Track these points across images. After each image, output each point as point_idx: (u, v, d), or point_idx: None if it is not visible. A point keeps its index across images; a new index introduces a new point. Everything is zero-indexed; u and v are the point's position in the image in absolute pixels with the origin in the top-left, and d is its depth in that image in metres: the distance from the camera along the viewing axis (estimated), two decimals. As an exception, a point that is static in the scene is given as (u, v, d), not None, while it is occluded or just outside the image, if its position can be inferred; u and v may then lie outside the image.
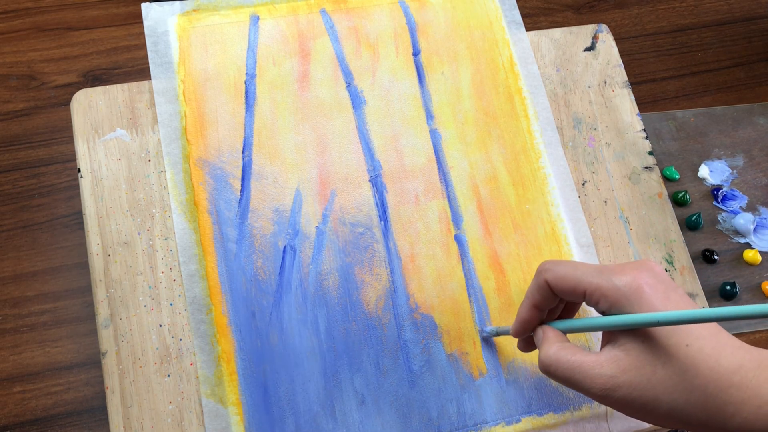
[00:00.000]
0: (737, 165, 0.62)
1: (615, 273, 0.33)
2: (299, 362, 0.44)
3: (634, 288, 0.32)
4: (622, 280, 0.32)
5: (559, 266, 0.35)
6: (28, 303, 0.54)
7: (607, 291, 0.32)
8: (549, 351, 0.34)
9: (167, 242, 0.45)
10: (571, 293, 0.34)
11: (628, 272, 0.33)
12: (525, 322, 0.37)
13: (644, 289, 0.32)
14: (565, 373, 0.33)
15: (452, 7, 0.54)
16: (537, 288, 0.36)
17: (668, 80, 0.68)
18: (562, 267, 0.35)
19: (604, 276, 0.33)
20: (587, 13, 0.70)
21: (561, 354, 0.34)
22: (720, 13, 0.72)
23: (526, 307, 0.37)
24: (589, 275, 0.33)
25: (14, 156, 0.59)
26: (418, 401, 0.44)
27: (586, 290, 0.33)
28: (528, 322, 0.37)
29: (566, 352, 0.34)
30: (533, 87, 0.53)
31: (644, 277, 0.32)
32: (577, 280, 0.34)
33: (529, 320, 0.37)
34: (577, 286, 0.34)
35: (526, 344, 0.40)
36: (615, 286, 0.32)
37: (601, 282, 0.33)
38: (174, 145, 0.47)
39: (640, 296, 0.32)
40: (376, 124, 0.50)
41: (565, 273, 0.35)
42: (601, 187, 0.51)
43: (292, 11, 0.52)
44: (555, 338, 0.35)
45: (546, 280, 0.35)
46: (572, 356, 0.33)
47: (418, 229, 0.48)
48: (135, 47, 0.64)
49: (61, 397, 0.51)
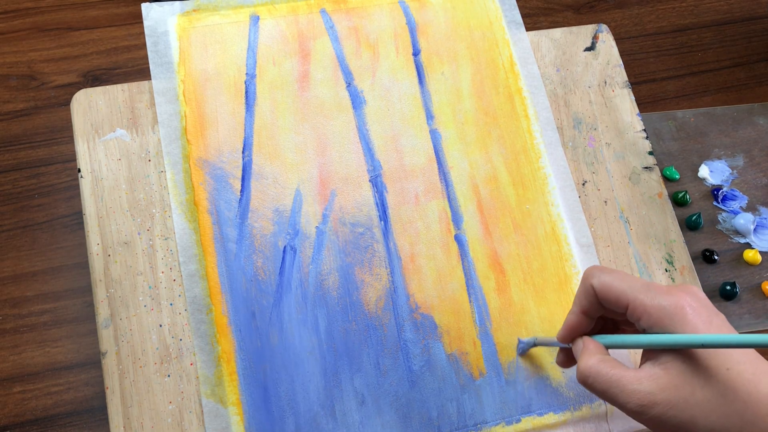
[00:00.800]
0: (737, 165, 0.62)
1: (660, 292, 0.33)
2: (299, 362, 0.44)
3: (678, 308, 0.32)
4: (666, 299, 0.32)
5: (606, 274, 0.35)
6: (28, 303, 0.54)
7: (651, 308, 0.33)
8: (589, 362, 0.34)
9: (167, 242, 0.45)
10: (614, 303, 0.34)
11: (674, 293, 0.33)
12: (572, 328, 0.37)
13: (687, 311, 0.32)
14: (602, 386, 0.33)
15: (452, 7, 0.54)
16: (584, 293, 0.36)
17: (668, 80, 0.68)
18: (609, 275, 0.35)
19: (650, 293, 0.33)
20: (587, 13, 0.70)
21: (601, 366, 0.34)
22: (720, 13, 0.72)
23: (575, 313, 0.37)
24: (635, 290, 0.34)
25: (14, 156, 0.59)
26: (418, 401, 0.44)
27: (630, 304, 0.34)
28: (575, 329, 0.37)
29: (606, 365, 0.34)
30: (533, 87, 0.53)
31: (688, 300, 0.32)
32: (621, 292, 0.34)
33: (576, 326, 0.37)
34: (620, 297, 0.34)
35: (566, 359, 0.40)
36: (659, 304, 0.32)
37: (646, 299, 0.33)
38: (174, 145, 0.47)
39: (683, 317, 0.32)
40: (376, 124, 0.50)
41: (611, 282, 0.35)
42: (601, 187, 0.51)
43: (292, 11, 0.52)
44: (596, 350, 0.35)
45: (592, 286, 0.35)
46: (611, 369, 0.33)
47: (418, 229, 0.48)
48: (135, 47, 0.64)
49: (61, 397, 0.51)
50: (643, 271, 0.50)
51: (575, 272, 0.48)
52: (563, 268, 0.48)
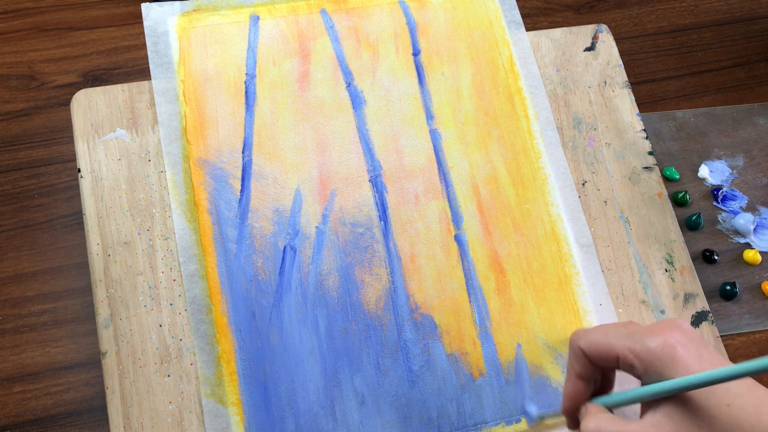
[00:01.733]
0: (737, 165, 0.62)
1: (646, 335, 0.33)
2: (299, 362, 0.44)
3: (667, 348, 0.32)
4: (654, 341, 0.32)
5: (590, 333, 0.36)
6: (28, 303, 0.54)
7: (640, 353, 0.33)
8: (590, 424, 0.34)
9: (167, 242, 0.45)
10: (604, 359, 0.35)
11: (659, 333, 0.33)
12: (572, 396, 0.37)
13: (677, 349, 0.32)
14: None
15: (452, 7, 0.54)
16: (575, 358, 0.36)
17: (668, 80, 0.68)
18: (593, 333, 0.35)
19: (636, 339, 0.33)
20: (587, 13, 0.70)
21: (602, 425, 0.34)
22: (720, 13, 0.72)
23: (571, 380, 0.37)
24: (621, 339, 0.34)
25: (14, 156, 0.59)
26: (418, 401, 0.44)
27: (619, 355, 0.34)
28: (575, 396, 0.37)
29: (607, 422, 0.34)
30: (533, 87, 0.53)
31: (676, 337, 0.32)
32: (609, 346, 0.34)
33: (575, 393, 0.37)
34: (609, 351, 0.34)
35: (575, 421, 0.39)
36: (647, 348, 0.32)
37: (633, 345, 0.33)
38: (174, 145, 0.47)
39: (673, 357, 0.32)
40: (376, 124, 0.50)
41: (597, 338, 0.35)
42: (601, 187, 0.51)
43: (292, 11, 0.52)
44: (596, 411, 0.35)
45: (580, 348, 0.36)
46: (614, 426, 0.33)
47: (418, 229, 0.48)
48: (135, 47, 0.64)
49: (61, 397, 0.51)
50: (643, 271, 0.50)
51: (575, 272, 0.48)
52: (563, 268, 0.48)
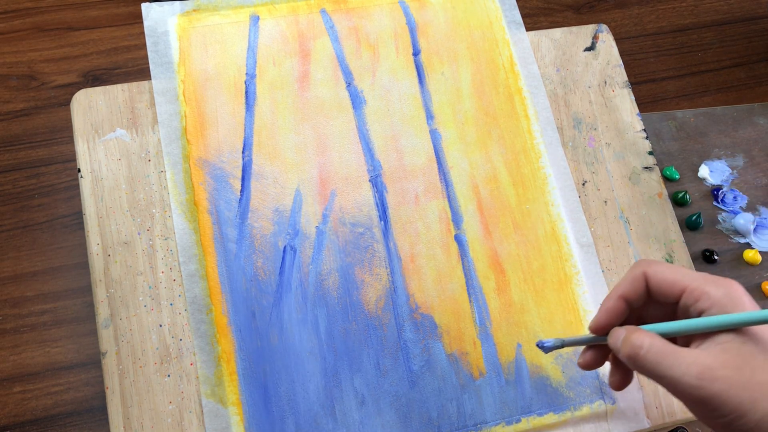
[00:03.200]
0: (737, 165, 0.62)
1: (718, 281, 0.33)
2: (299, 362, 0.44)
3: (735, 293, 0.32)
4: (724, 285, 0.33)
5: (660, 264, 0.35)
6: (28, 303, 0.54)
7: (710, 291, 0.32)
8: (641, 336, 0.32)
9: (167, 242, 0.45)
10: (668, 289, 0.34)
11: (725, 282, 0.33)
12: (609, 312, 0.35)
13: (745, 299, 0.32)
14: (656, 357, 0.31)
15: (452, 7, 0.54)
16: (631, 279, 0.35)
17: (668, 80, 0.68)
18: (663, 264, 0.35)
19: (707, 280, 0.33)
20: (587, 13, 0.70)
21: (654, 340, 0.32)
22: (720, 13, 0.72)
23: (613, 298, 0.35)
24: (692, 276, 0.33)
25: (14, 156, 0.59)
26: (418, 401, 0.44)
27: (688, 287, 0.33)
28: (612, 313, 0.35)
29: (659, 340, 0.32)
30: (533, 87, 0.53)
31: (742, 291, 0.33)
32: (679, 276, 0.34)
33: (614, 311, 0.35)
34: (676, 283, 0.33)
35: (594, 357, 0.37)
36: (717, 289, 0.32)
37: (704, 284, 0.33)
38: (174, 145, 0.47)
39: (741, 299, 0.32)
40: (376, 124, 0.50)
41: (666, 269, 0.34)
42: (601, 187, 0.51)
43: (292, 11, 0.52)
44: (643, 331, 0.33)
45: (644, 272, 0.35)
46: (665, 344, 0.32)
47: (418, 229, 0.48)
48: (135, 47, 0.64)
49: (61, 397, 0.51)
50: (643, 271, 0.50)
51: (575, 272, 0.48)
52: (563, 268, 0.48)
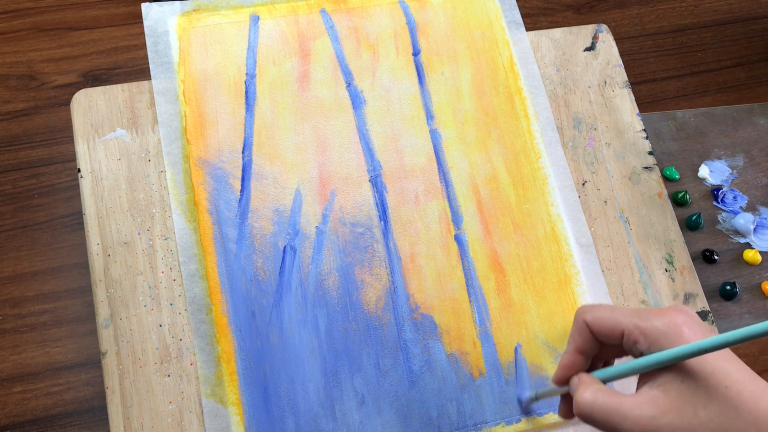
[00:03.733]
0: (737, 165, 0.62)
1: (653, 314, 0.33)
2: (299, 362, 0.44)
3: (673, 326, 0.32)
4: (660, 320, 0.33)
5: (597, 308, 0.36)
6: (28, 303, 0.54)
7: (646, 330, 0.33)
8: (585, 394, 0.34)
9: (167, 242, 0.45)
10: (609, 333, 0.35)
11: (665, 314, 0.33)
12: (567, 368, 0.37)
13: (683, 329, 0.32)
14: (603, 416, 0.33)
15: (452, 7, 0.54)
16: (578, 331, 0.36)
17: (668, 80, 0.68)
18: (600, 309, 0.36)
19: (642, 316, 0.33)
20: (587, 13, 0.70)
21: (598, 396, 0.33)
22: (720, 13, 0.72)
23: (569, 353, 0.37)
24: (627, 316, 0.34)
25: (14, 156, 0.59)
26: (418, 401, 0.44)
27: (625, 329, 0.34)
28: (569, 368, 0.37)
29: (603, 394, 0.33)
30: (533, 87, 0.53)
31: (682, 318, 0.33)
32: (615, 320, 0.34)
33: (570, 365, 0.37)
34: (615, 326, 0.34)
35: (567, 408, 0.39)
36: (653, 325, 0.33)
37: (640, 321, 0.33)
38: (174, 145, 0.47)
39: (679, 335, 0.32)
40: (376, 124, 0.50)
41: (603, 313, 0.35)
42: (601, 187, 0.51)
43: (292, 11, 0.52)
44: (591, 382, 0.35)
45: (585, 321, 0.36)
46: (609, 398, 0.33)
47: (418, 229, 0.48)
48: (135, 47, 0.64)
49: (61, 397, 0.51)
50: (643, 271, 0.50)
51: (575, 272, 0.48)
52: (563, 268, 0.48)
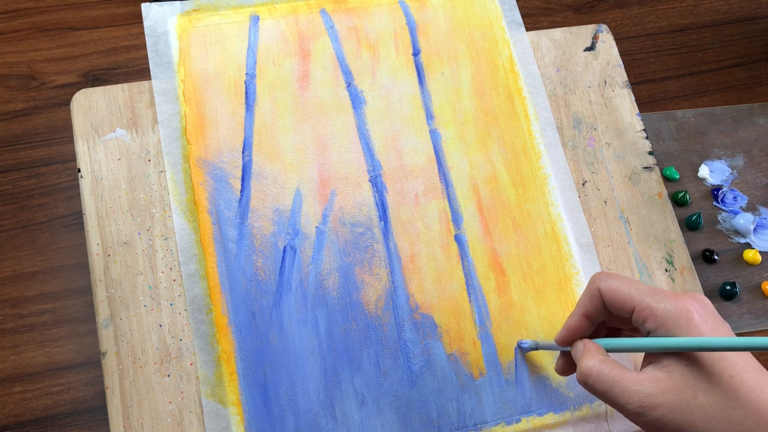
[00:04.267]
0: (737, 165, 0.62)
1: (667, 296, 0.33)
2: (299, 362, 0.44)
3: (684, 312, 0.32)
4: (673, 303, 0.33)
5: (614, 278, 0.36)
6: (28, 303, 0.54)
7: (657, 310, 0.33)
8: (590, 362, 0.34)
9: (167, 242, 0.45)
10: (620, 306, 0.35)
11: (681, 298, 0.33)
12: (572, 330, 0.37)
13: (694, 316, 0.32)
14: (603, 386, 0.33)
15: (452, 7, 0.54)
16: (589, 296, 0.36)
17: (668, 80, 0.68)
18: (617, 279, 0.35)
19: (657, 297, 0.33)
20: (587, 13, 0.70)
21: (602, 367, 0.34)
22: (720, 13, 0.72)
23: (576, 315, 0.37)
24: (642, 293, 0.34)
25: (14, 156, 0.59)
26: (418, 401, 0.44)
27: (636, 306, 0.34)
28: (575, 331, 0.37)
29: (607, 365, 0.34)
30: (533, 87, 0.53)
31: (695, 305, 0.33)
32: (629, 295, 0.34)
33: (576, 328, 0.37)
34: (627, 301, 0.34)
35: (565, 365, 0.39)
36: (666, 308, 0.33)
37: (653, 302, 0.33)
38: (174, 145, 0.47)
39: (689, 321, 0.32)
40: (376, 124, 0.50)
41: (619, 285, 0.35)
42: (601, 187, 0.51)
43: (292, 11, 0.52)
44: (596, 351, 0.35)
45: (599, 289, 0.36)
46: (612, 370, 0.33)
47: (418, 229, 0.48)
48: (135, 47, 0.64)
49: (61, 397, 0.51)
50: (643, 271, 0.50)
51: (575, 272, 0.48)
52: (563, 268, 0.48)
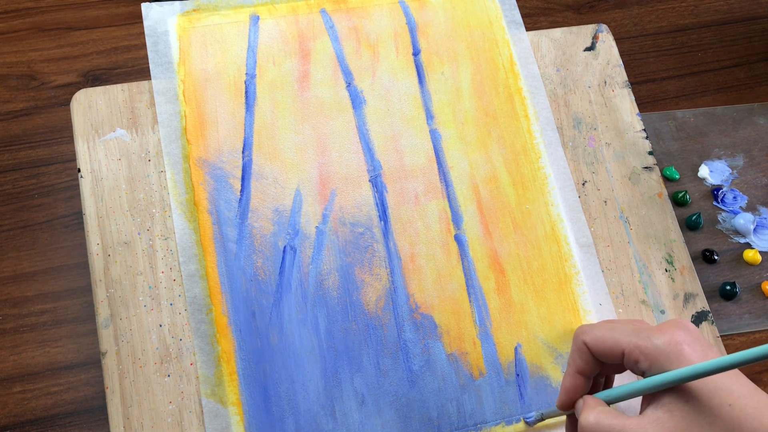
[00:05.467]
0: (737, 165, 0.62)
1: (653, 332, 0.33)
2: (299, 362, 0.44)
3: (673, 345, 0.32)
4: (660, 339, 0.32)
5: (596, 328, 0.36)
6: (28, 303, 0.54)
7: (646, 349, 0.33)
8: (589, 417, 0.34)
9: (167, 242, 0.45)
10: (609, 354, 0.35)
11: (665, 331, 0.33)
12: (569, 391, 0.37)
13: (683, 347, 0.32)
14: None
15: (452, 7, 0.54)
16: (577, 352, 0.36)
17: (668, 80, 0.68)
18: (599, 329, 0.35)
19: (642, 335, 0.33)
20: (587, 13, 0.70)
21: (601, 418, 0.33)
22: (720, 13, 0.72)
23: (570, 375, 0.37)
24: (627, 335, 0.34)
25: (14, 156, 0.59)
26: (418, 401, 0.44)
27: (625, 350, 0.34)
28: (572, 391, 0.37)
29: (606, 416, 0.33)
30: (533, 87, 0.53)
31: (682, 335, 0.32)
32: (614, 340, 0.34)
33: (573, 388, 0.37)
34: (615, 347, 0.34)
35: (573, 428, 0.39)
36: (654, 344, 0.32)
37: (639, 341, 0.33)
38: (174, 145, 0.47)
39: (679, 354, 0.32)
40: (376, 124, 0.50)
41: (602, 334, 0.35)
42: (601, 187, 0.51)
43: (292, 11, 0.52)
44: (595, 404, 0.35)
45: (584, 342, 0.36)
46: (613, 420, 0.33)
47: (418, 229, 0.48)
48: (135, 47, 0.64)
49: (61, 397, 0.51)
50: (643, 271, 0.50)
51: (575, 272, 0.48)
52: (563, 268, 0.48)
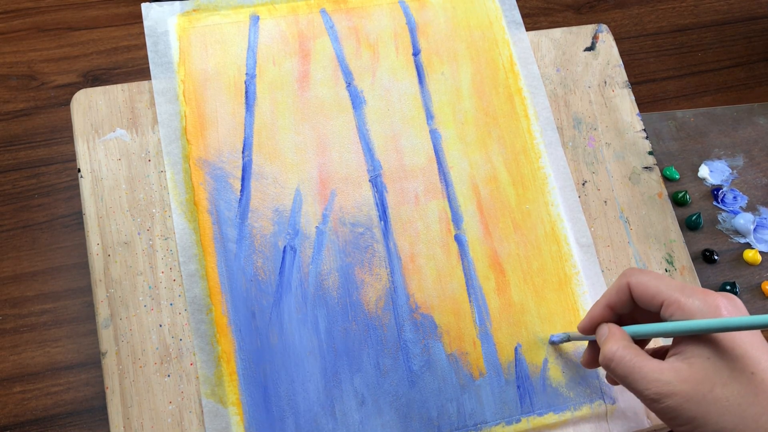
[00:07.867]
0: (737, 165, 0.62)
1: (696, 292, 0.34)
2: (299, 362, 0.44)
3: (713, 308, 0.32)
4: (702, 299, 0.33)
5: (644, 273, 0.36)
6: (28, 303, 0.54)
7: (685, 305, 0.33)
8: (613, 347, 0.35)
9: (167, 242, 0.45)
10: (649, 300, 0.35)
11: (710, 294, 0.33)
12: (594, 319, 0.38)
13: (722, 311, 0.32)
14: (624, 371, 0.34)
15: (452, 7, 0.54)
16: (617, 289, 0.37)
17: (668, 80, 0.68)
18: (647, 274, 0.36)
19: (686, 292, 0.34)
20: (587, 13, 0.70)
21: (625, 352, 0.34)
22: (720, 13, 0.72)
23: (600, 305, 0.38)
24: (672, 288, 0.34)
25: (14, 156, 0.59)
26: (418, 401, 0.44)
27: (665, 300, 0.34)
28: (598, 320, 0.38)
29: (630, 351, 0.34)
30: (533, 87, 0.53)
31: (724, 302, 0.33)
32: (658, 290, 0.35)
33: (599, 317, 0.38)
34: (657, 295, 0.35)
35: (591, 358, 0.40)
36: (694, 303, 0.33)
37: (681, 296, 0.34)
38: (174, 145, 0.47)
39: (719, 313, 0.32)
40: (376, 124, 0.50)
41: (648, 280, 0.35)
42: (601, 187, 0.51)
43: (292, 11, 0.52)
44: (621, 336, 0.36)
45: (629, 283, 0.36)
46: (635, 356, 0.34)
47: (418, 229, 0.48)
48: (135, 47, 0.64)
49: (61, 397, 0.51)
50: (643, 271, 0.50)
51: (575, 272, 0.48)
52: (563, 268, 0.48)
